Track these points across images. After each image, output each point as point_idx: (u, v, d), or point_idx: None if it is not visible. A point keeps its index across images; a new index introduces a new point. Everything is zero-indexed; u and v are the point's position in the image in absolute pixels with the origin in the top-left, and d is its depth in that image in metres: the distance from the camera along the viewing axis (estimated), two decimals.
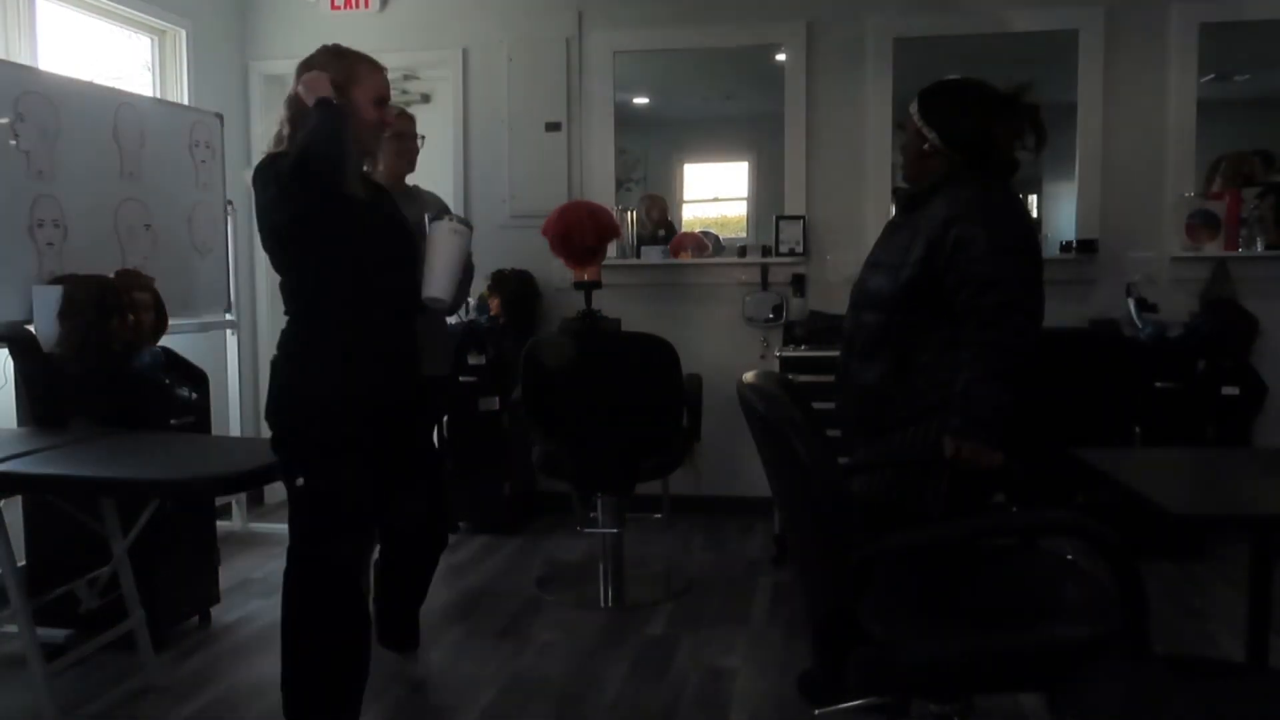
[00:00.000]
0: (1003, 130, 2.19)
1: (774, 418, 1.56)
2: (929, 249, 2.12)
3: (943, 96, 2.24)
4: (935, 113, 2.22)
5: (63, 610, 2.92)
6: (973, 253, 2.06)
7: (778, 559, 3.95)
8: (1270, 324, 4.16)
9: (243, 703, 2.72)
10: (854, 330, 2.31)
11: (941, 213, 2.13)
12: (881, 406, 2.22)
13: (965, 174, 2.19)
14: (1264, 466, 2.08)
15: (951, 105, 2.22)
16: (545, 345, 3.44)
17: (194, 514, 3.27)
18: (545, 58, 4.65)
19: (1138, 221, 4.33)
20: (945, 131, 2.20)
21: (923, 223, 2.17)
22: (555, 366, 3.33)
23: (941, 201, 2.16)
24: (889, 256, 2.24)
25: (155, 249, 3.75)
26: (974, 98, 2.21)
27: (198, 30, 4.61)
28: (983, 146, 2.19)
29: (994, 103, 2.19)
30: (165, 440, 2.75)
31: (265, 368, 4.98)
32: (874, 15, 4.44)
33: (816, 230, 4.57)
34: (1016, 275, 2.08)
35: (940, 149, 2.21)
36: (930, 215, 2.16)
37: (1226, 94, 4.58)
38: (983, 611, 1.75)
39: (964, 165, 2.20)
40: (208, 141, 4.10)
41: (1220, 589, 3.54)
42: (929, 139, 2.21)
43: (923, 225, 2.16)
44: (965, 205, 2.11)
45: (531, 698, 2.75)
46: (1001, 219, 2.12)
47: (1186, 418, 3.87)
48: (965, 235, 2.07)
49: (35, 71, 3.26)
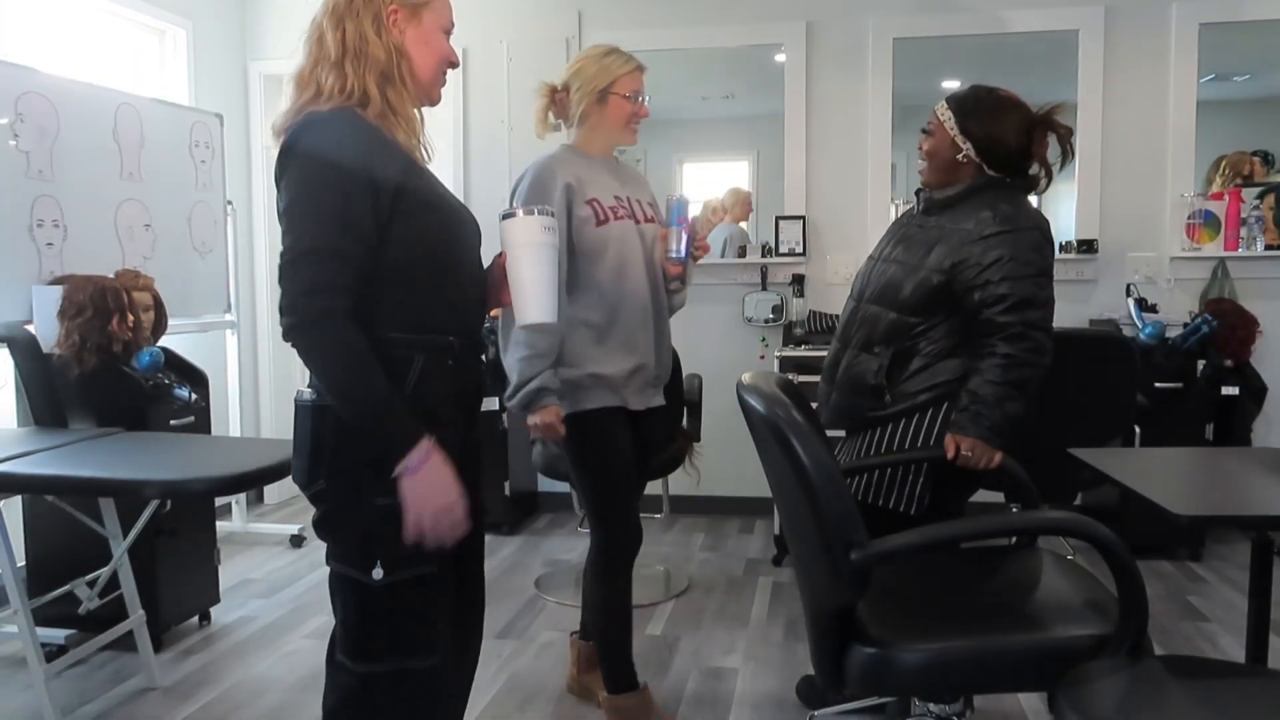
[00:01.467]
0: (1038, 150, 2.22)
1: (774, 418, 1.56)
2: (960, 260, 2.14)
3: (984, 110, 2.22)
4: (976, 125, 2.21)
5: (63, 610, 2.92)
6: (1006, 272, 2.10)
7: (778, 559, 3.95)
8: (1270, 324, 4.16)
9: (243, 703, 2.73)
10: (852, 321, 2.33)
11: (976, 227, 2.15)
12: (872, 399, 2.24)
13: (996, 186, 2.22)
14: (1264, 466, 2.08)
15: (994, 122, 2.21)
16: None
17: (194, 514, 3.27)
18: (545, 58, 4.65)
19: (1138, 221, 4.33)
20: (984, 145, 2.21)
21: (952, 230, 2.19)
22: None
23: (972, 213, 2.18)
24: (908, 257, 2.25)
25: (155, 249, 3.76)
26: (1017, 120, 2.21)
27: (198, 30, 4.61)
28: (1019, 165, 2.23)
29: (1035, 125, 2.21)
30: (165, 440, 2.74)
31: (265, 368, 5.06)
32: (874, 15, 4.44)
33: (816, 230, 4.57)
34: (1043, 297, 2.13)
35: (974, 160, 2.22)
36: (960, 225, 2.18)
37: (1226, 94, 4.58)
38: (983, 611, 1.75)
39: (994, 177, 2.23)
40: (208, 141, 4.10)
41: (1220, 589, 3.54)
42: (964, 149, 2.22)
43: (952, 233, 2.18)
44: (1003, 222, 2.14)
45: (531, 698, 2.75)
46: (1034, 241, 2.15)
47: (1186, 418, 3.88)
48: (1003, 254, 2.11)
49: (35, 71, 3.26)
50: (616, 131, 2.43)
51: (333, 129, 1.50)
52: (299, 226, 1.48)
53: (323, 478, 1.54)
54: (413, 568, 1.52)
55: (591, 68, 2.38)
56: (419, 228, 1.55)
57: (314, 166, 1.48)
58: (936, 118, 2.26)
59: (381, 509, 1.48)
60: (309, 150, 1.49)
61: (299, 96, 1.59)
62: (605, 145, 2.46)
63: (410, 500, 1.46)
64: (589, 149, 2.44)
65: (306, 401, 1.56)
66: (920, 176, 2.33)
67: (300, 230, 1.48)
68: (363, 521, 1.51)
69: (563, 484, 3.76)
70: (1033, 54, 4.51)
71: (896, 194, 4.50)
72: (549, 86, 2.45)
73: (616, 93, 2.38)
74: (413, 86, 1.62)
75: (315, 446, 1.54)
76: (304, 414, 1.56)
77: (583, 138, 2.44)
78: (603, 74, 2.37)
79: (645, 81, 2.44)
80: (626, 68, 2.39)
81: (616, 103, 2.39)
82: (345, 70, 1.55)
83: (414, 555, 1.50)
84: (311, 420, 1.55)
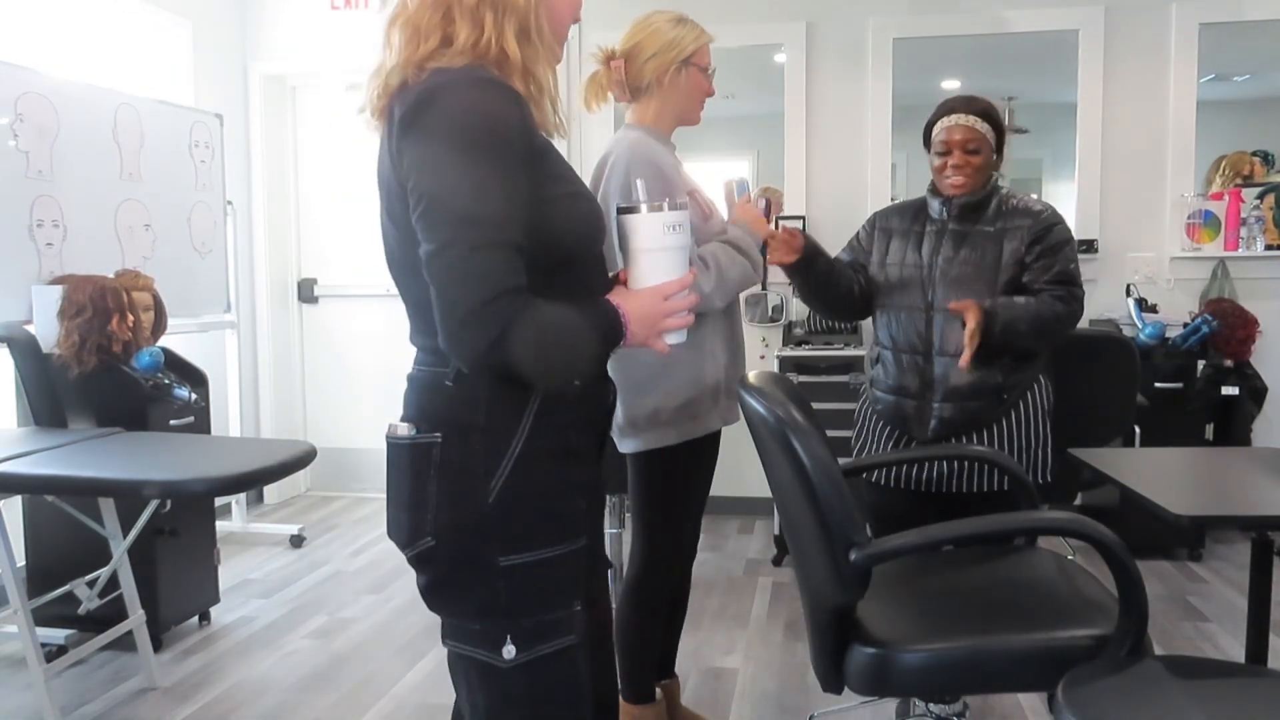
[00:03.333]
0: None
1: (774, 418, 1.55)
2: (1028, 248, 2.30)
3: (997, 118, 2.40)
4: (999, 134, 2.39)
5: (63, 610, 2.92)
6: (1066, 253, 2.31)
7: (778, 559, 3.95)
8: (1270, 324, 4.16)
9: (243, 703, 2.73)
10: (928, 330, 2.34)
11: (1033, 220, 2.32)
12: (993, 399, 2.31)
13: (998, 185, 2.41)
14: (1264, 466, 2.08)
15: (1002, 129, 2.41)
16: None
17: (194, 514, 3.27)
18: None
19: (1138, 221, 4.34)
20: (1000, 149, 2.40)
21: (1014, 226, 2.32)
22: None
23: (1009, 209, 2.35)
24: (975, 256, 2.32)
25: (155, 249, 3.76)
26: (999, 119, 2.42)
27: (198, 30, 4.61)
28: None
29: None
30: (165, 440, 2.74)
31: (265, 368, 5.07)
32: (874, 15, 4.44)
33: (816, 230, 4.57)
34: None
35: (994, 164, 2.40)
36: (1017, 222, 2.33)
37: (1226, 94, 4.58)
38: (983, 611, 1.75)
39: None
40: (207, 141, 4.10)
41: (1220, 589, 3.54)
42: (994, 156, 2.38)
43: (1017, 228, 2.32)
44: (1051, 212, 2.35)
45: None
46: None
47: (1186, 418, 3.88)
48: (1063, 237, 2.32)
49: (35, 72, 3.26)
50: (692, 109, 2.17)
51: (483, 94, 1.18)
52: (457, 217, 1.13)
53: (430, 534, 1.24)
54: (552, 640, 1.24)
55: (668, 33, 2.10)
56: (561, 219, 1.25)
57: (468, 141, 1.15)
58: (978, 133, 2.34)
59: (508, 570, 1.21)
60: (458, 120, 1.16)
61: (416, 48, 1.24)
62: (673, 124, 2.18)
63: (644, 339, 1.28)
64: (661, 127, 2.16)
65: (404, 439, 1.25)
66: (954, 188, 2.36)
67: (459, 220, 1.13)
68: (486, 588, 1.22)
69: None
70: (1033, 54, 4.51)
71: (896, 194, 4.50)
72: (606, 53, 2.16)
73: (696, 64, 2.13)
74: (549, 41, 1.33)
75: (417, 495, 1.24)
76: (401, 455, 1.26)
77: (653, 114, 2.15)
78: (682, 43, 2.10)
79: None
80: (706, 38, 2.15)
81: (695, 76, 2.13)
82: (483, 18, 1.23)
83: (552, 625, 1.24)
84: (412, 462, 1.24)
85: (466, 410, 1.23)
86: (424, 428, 1.24)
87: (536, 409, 1.24)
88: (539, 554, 1.23)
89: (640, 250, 1.30)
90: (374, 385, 5.08)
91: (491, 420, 1.23)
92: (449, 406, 1.24)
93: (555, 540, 1.25)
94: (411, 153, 1.17)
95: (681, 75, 2.12)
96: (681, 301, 1.29)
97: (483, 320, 1.12)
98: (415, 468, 1.24)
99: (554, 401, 1.25)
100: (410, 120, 1.18)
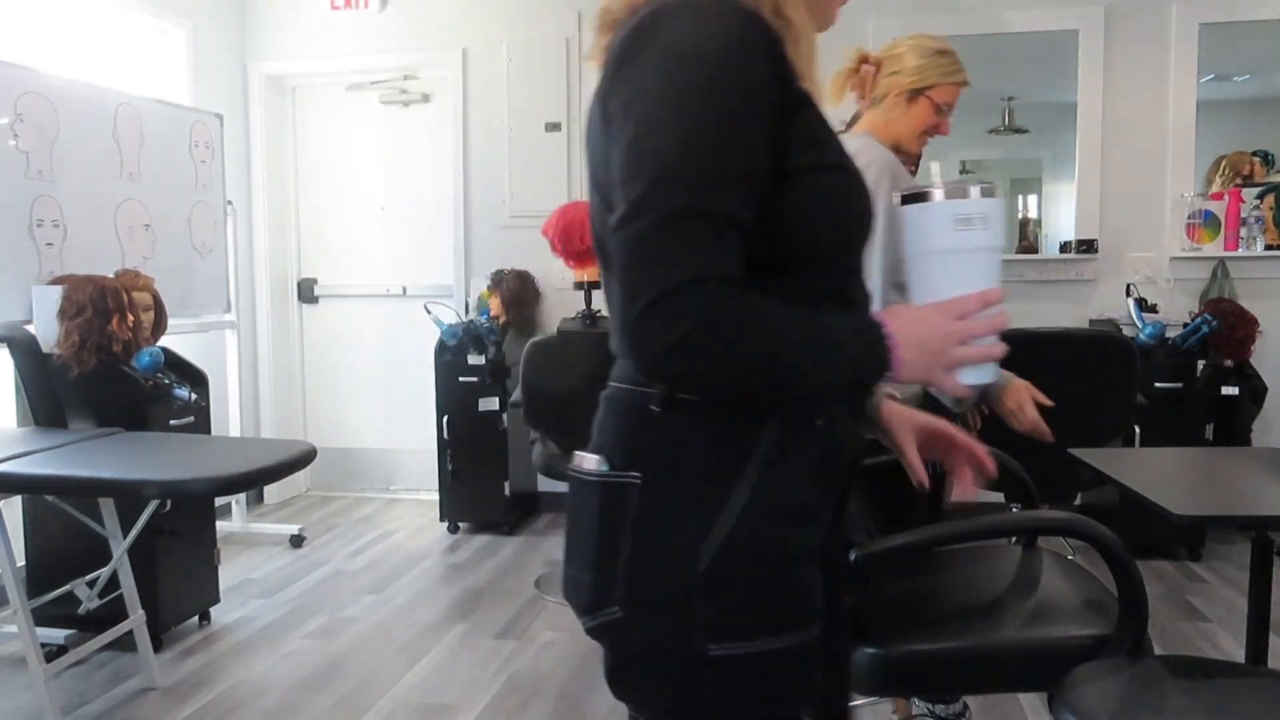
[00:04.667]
0: None
1: None
2: None
3: None
4: None
5: (63, 610, 2.92)
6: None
7: None
8: (1270, 324, 4.16)
9: (242, 703, 2.73)
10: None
11: None
12: None
13: None
14: (1264, 466, 2.08)
15: None
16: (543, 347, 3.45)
17: (194, 514, 3.27)
18: (545, 58, 4.65)
19: (1138, 221, 4.33)
20: None
21: None
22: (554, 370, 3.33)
23: None
24: None
25: (155, 249, 3.76)
26: None
27: (198, 30, 4.61)
28: None
29: None
30: (165, 440, 2.75)
31: (265, 368, 5.07)
32: (874, 15, 4.44)
33: None
34: None
35: None
36: None
37: (1226, 94, 4.58)
38: (983, 611, 1.75)
39: None
40: (207, 141, 4.10)
41: (1220, 589, 3.54)
42: None
43: None
44: None
45: (531, 698, 2.75)
46: None
47: (1186, 418, 3.88)
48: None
49: (35, 71, 3.26)
50: (910, 137, 2.16)
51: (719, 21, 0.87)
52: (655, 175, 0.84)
53: (618, 602, 0.93)
54: None
55: (915, 60, 2.14)
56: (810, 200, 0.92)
57: (690, 79, 0.85)
58: None
59: (719, 663, 0.91)
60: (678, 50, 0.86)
61: None
62: (891, 143, 2.16)
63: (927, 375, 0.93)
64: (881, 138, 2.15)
65: (591, 475, 0.96)
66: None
67: (657, 180, 0.84)
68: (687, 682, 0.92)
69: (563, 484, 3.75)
70: (1032, 54, 4.51)
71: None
72: (861, 55, 2.17)
73: (931, 97, 2.14)
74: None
75: (605, 550, 0.94)
76: (586, 495, 0.97)
77: (879, 124, 2.17)
78: (925, 72, 2.13)
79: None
80: (953, 78, 2.14)
81: (925, 107, 2.14)
82: None
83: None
84: (601, 507, 0.95)
85: (677, 446, 0.93)
86: (619, 463, 0.94)
87: (768, 451, 0.92)
88: (761, 645, 0.93)
89: (928, 252, 0.99)
90: (374, 385, 5.08)
91: (709, 461, 0.92)
92: (654, 439, 0.94)
93: (781, 627, 0.94)
94: (619, 95, 0.89)
95: (913, 102, 2.14)
96: (984, 322, 0.95)
97: (672, 312, 0.82)
98: (604, 515, 0.94)
99: (792, 442, 0.94)
100: (623, 55, 0.89)
